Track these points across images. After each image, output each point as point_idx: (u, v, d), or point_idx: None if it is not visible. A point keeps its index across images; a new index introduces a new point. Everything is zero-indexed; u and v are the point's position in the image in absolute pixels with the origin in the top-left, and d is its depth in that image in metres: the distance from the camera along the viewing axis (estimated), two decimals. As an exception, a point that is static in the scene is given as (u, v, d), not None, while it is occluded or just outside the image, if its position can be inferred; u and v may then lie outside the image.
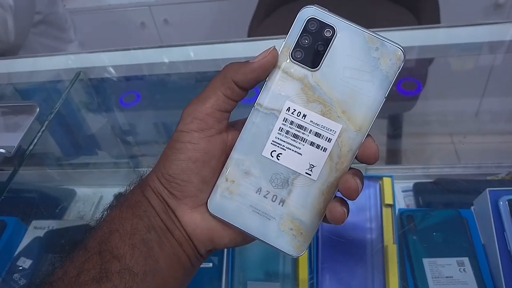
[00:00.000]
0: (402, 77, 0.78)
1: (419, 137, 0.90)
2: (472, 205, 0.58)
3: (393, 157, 0.86)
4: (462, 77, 0.86)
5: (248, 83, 0.29)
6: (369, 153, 0.30)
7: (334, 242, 0.52)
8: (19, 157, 0.48)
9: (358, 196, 0.29)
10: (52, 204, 0.76)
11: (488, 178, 0.64)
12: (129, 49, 0.67)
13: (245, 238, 0.32)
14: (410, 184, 0.67)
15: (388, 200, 0.53)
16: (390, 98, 0.78)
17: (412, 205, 0.64)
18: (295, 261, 0.52)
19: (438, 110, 0.89)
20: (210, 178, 0.31)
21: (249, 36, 1.20)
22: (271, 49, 0.29)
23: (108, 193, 0.77)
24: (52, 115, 0.53)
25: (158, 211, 0.31)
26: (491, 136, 0.79)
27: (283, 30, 0.30)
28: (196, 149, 0.30)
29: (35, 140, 0.49)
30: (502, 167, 0.65)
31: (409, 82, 0.79)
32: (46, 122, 0.52)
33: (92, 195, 0.77)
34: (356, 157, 0.30)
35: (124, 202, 0.31)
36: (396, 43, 0.29)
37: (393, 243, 0.51)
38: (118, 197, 0.33)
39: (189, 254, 0.31)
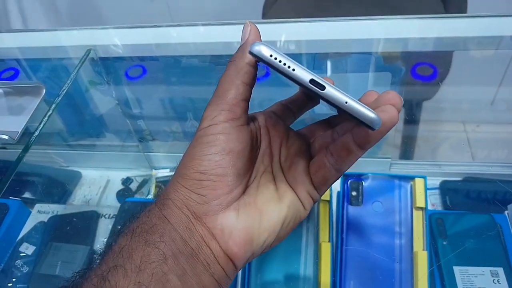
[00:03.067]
0: (416, 61, 0.73)
1: (437, 128, 0.86)
2: (506, 209, 0.55)
3: (411, 150, 0.82)
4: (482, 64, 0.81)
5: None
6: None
7: (359, 245, 0.49)
8: (24, 143, 0.44)
9: None
10: (56, 186, 0.73)
11: (521, 179, 0.60)
12: (142, 27, 0.63)
13: (286, 229, 0.30)
14: (435, 181, 0.63)
15: (420, 202, 0.49)
16: (406, 83, 0.72)
17: (438, 205, 0.61)
18: (316, 263, 0.49)
19: (462, 99, 0.84)
20: (244, 170, 0.29)
21: (263, 14, 1.14)
22: (247, 23, 0.30)
23: (116, 176, 0.74)
24: (60, 98, 0.49)
25: (181, 229, 0.27)
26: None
27: (298, 9, 0.28)
28: (229, 139, 0.28)
29: (41, 126, 0.45)
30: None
31: (425, 67, 0.75)
32: (54, 105, 0.48)
33: (99, 178, 0.74)
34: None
35: (136, 228, 0.27)
36: None
37: (423, 250, 0.48)
38: (131, 220, 0.29)
39: (218, 276, 0.28)
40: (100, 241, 0.60)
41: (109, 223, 0.62)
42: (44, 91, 0.47)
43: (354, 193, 0.51)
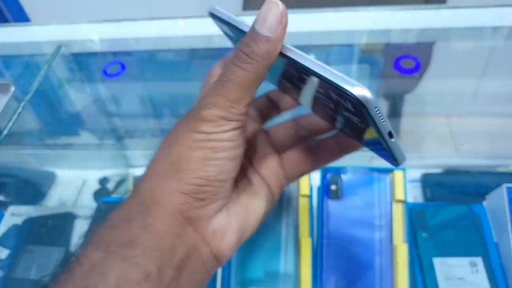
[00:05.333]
0: (400, 54, 0.73)
1: (419, 121, 0.87)
2: (484, 199, 0.55)
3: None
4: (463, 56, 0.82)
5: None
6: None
7: (339, 240, 0.48)
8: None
9: None
10: (30, 188, 0.70)
11: (500, 169, 0.61)
12: (118, 21, 0.61)
13: (262, 221, 0.31)
14: (415, 173, 0.63)
15: (399, 195, 0.49)
16: (388, 76, 0.72)
17: (419, 197, 0.61)
18: (297, 260, 0.48)
19: (444, 92, 0.85)
20: (236, 173, 0.28)
21: (244, 6, 1.13)
22: (277, 4, 0.26)
23: (92, 176, 0.72)
24: (29, 95, 0.47)
25: (170, 237, 0.25)
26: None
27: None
28: (235, 146, 0.27)
29: (10, 124, 0.43)
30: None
31: (408, 61, 0.75)
32: (23, 103, 0.46)
33: (74, 179, 0.71)
34: None
35: (112, 243, 0.24)
36: None
37: (403, 242, 0.48)
38: (103, 226, 0.26)
39: (201, 278, 0.27)
40: (76, 243, 0.59)
41: (86, 224, 0.61)
42: (12, 88, 0.45)
43: (333, 187, 0.50)
